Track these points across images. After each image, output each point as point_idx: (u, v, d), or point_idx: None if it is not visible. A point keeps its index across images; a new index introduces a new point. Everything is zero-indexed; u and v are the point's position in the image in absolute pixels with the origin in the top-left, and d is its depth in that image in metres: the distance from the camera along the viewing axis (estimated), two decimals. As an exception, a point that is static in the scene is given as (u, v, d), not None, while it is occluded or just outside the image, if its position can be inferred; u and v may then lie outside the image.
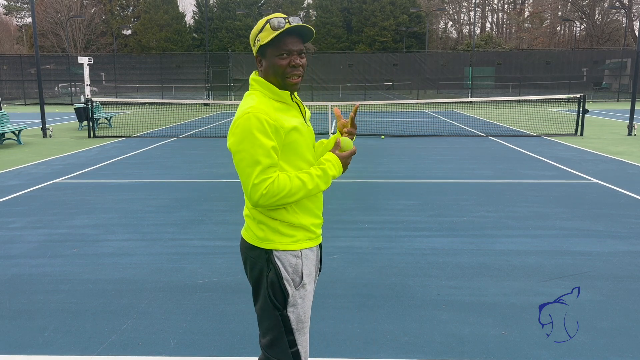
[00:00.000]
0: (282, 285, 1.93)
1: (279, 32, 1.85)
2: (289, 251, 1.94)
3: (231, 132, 1.86)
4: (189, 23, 63.70)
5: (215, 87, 35.63)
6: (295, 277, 1.96)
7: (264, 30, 1.87)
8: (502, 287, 3.96)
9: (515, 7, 71.44)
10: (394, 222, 5.79)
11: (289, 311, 1.96)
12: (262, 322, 2.01)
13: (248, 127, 1.80)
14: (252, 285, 2.02)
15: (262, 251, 1.95)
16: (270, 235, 1.94)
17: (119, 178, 8.46)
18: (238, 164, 1.84)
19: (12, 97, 36.54)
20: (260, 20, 1.91)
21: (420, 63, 38.01)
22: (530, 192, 7.17)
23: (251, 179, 1.81)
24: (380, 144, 12.54)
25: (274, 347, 1.99)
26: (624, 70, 36.23)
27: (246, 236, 2.01)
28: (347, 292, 3.90)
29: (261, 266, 1.96)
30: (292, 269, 1.95)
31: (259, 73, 1.98)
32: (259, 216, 1.96)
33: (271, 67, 1.90)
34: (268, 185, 1.81)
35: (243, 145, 1.81)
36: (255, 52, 1.94)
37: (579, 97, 14.47)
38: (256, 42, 1.90)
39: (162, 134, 15.08)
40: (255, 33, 1.91)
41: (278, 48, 1.88)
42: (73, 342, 3.19)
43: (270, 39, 1.86)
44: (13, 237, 5.36)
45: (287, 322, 1.97)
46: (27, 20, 67.59)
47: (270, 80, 1.93)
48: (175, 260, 4.62)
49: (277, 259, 1.93)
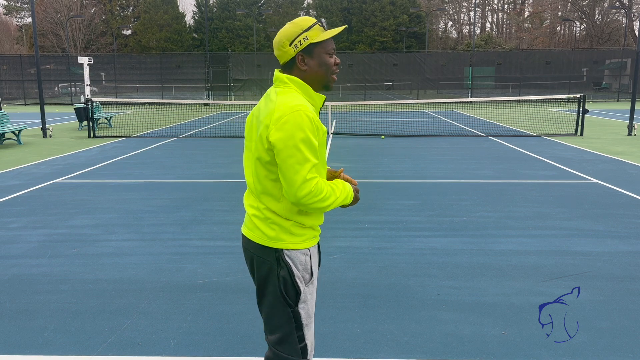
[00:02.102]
0: (295, 283, 1.97)
1: (337, 32, 1.93)
2: (299, 250, 1.98)
3: (277, 126, 1.82)
4: (189, 23, 63.69)
5: (215, 87, 35.63)
6: (305, 274, 2.01)
7: (312, 29, 1.91)
8: (502, 287, 3.96)
9: (515, 7, 71.44)
10: (394, 222, 5.79)
11: (300, 307, 2.01)
12: (271, 319, 2.03)
13: (299, 123, 1.81)
14: (259, 284, 2.03)
15: (271, 250, 1.96)
16: (281, 235, 1.96)
17: (119, 178, 8.46)
18: (286, 160, 1.82)
19: (12, 97, 36.54)
20: (299, 20, 1.94)
21: (420, 63, 38.00)
22: (530, 192, 7.17)
23: (301, 175, 1.82)
24: (380, 144, 12.54)
25: (284, 343, 2.03)
26: (624, 70, 36.23)
27: (252, 236, 2.00)
28: (347, 292, 3.90)
29: (270, 265, 1.97)
30: (302, 266, 1.99)
31: (293, 72, 1.96)
32: (272, 216, 1.96)
33: (321, 65, 1.95)
34: (315, 184, 1.85)
35: (294, 142, 1.81)
36: (299, 51, 1.92)
37: (579, 97, 14.47)
38: (303, 41, 1.91)
39: (162, 134, 15.09)
40: (298, 32, 1.91)
41: (326, 47, 1.95)
42: (73, 342, 3.19)
43: (326, 38, 1.92)
44: (13, 237, 5.36)
45: (299, 318, 2.02)
46: (27, 20, 67.60)
47: (310, 80, 1.96)
48: (175, 260, 4.62)
49: (288, 258, 1.96)
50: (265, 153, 1.88)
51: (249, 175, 2.03)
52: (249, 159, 2.03)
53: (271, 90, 1.99)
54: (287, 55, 1.94)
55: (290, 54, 1.93)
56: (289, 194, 1.86)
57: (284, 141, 1.81)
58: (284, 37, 1.93)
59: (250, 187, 2.04)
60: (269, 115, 1.86)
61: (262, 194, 1.97)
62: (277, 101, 1.88)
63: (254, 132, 1.97)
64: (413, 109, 26.74)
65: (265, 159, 1.90)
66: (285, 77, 1.95)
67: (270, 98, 1.94)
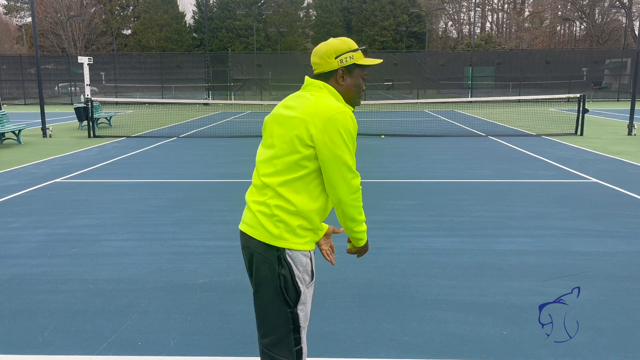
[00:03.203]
0: (295, 283, 1.97)
1: (377, 62, 2.09)
2: (301, 251, 1.98)
3: (325, 125, 1.89)
4: (188, 23, 63.69)
5: (215, 87, 35.62)
6: (306, 275, 2.01)
7: (357, 52, 2.05)
8: (502, 287, 3.96)
9: (515, 6, 71.43)
10: (394, 222, 5.79)
11: (299, 309, 2.01)
12: (268, 320, 2.01)
13: (346, 124, 1.91)
14: (258, 282, 2.01)
15: (273, 249, 1.96)
16: (285, 234, 1.95)
17: (119, 178, 8.46)
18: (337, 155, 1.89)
19: (12, 97, 36.53)
20: (346, 40, 2.06)
21: (420, 63, 37.98)
22: (530, 192, 7.17)
23: (353, 169, 1.94)
24: (380, 144, 12.54)
25: (280, 345, 2.01)
26: (624, 70, 36.22)
27: (254, 233, 1.99)
28: (347, 292, 3.90)
29: (271, 263, 1.96)
30: (303, 267, 1.99)
31: (329, 83, 2.05)
32: (281, 212, 1.95)
33: (355, 85, 2.07)
34: (359, 182, 1.99)
35: (345, 138, 1.90)
36: (342, 66, 2.03)
37: (579, 96, 14.47)
38: (349, 59, 2.02)
39: (162, 134, 15.09)
40: (346, 49, 2.02)
41: (362, 71, 2.08)
42: (73, 342, 3.19)
43: (368, 64, 2.06)
44: (13, 237, 5.36)
45: (297, 319, 2.01)
46: (27, 20, 67.60)
47: (343, 94, 2.06)
48: (175, 260, 4.62)
49: (290, 257, 1.96)
50: (303, 148, 1.92)
51: (266, 167, 2.00)
52: (265, 153, 2.03)
53: (303, 92, 2.04)
54: (329, 67, 2.02)
55: (333, 66, 2.02)
56: (338, 191, 1.93)
57: (333, 138, 1.88)
58: (332, 50, 2.02)
59: (264, 180, 1.99)
60: (312, 113, 1.91)
61: (281, 186, 1.95)
62: (317, 100, 1.95)
63: (282, 128, 1.98)
64: (413, 109, 26.74)
65: (300, 153, 1.92)
66: (321, 84, 2.03)
67: (305, 97, 2.00)
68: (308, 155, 1.92)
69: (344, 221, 2.03)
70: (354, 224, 2.02)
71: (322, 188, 1.99)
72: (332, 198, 1.97)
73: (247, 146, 12.34)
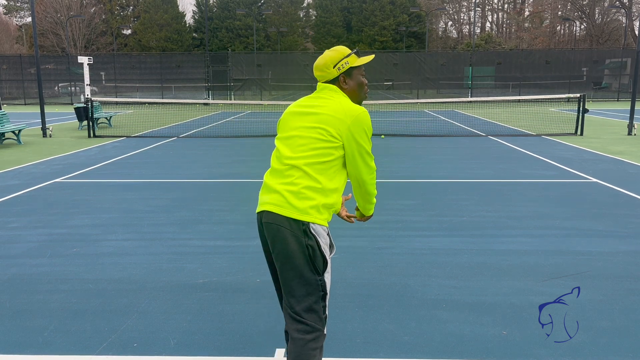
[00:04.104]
0: (323, 252, 2.22)
1: (370, 59, 2.43)
2: (322, 226, 2.24)
3: (353, 123, 2.23)
4: (188, 23, 63.69)
5: (215, 87, 35.62)
6: (327, 247, 2.26)
7: (350, 57, 2.37)
8: (501, 287, 3.96)
9: (515, 6, 71.42)
10: (394, 222, 5.79)
11: (326, 277, 2.25)
12: (299, 288, 2.20)
13: (368, 122, 2.28)
14: (286, 255, 2.18)
15: (299, 223, 2.18)
16: (310, 210, 2.19)
17: (119, 178, 8.46)
18: (361, 146, 2.25)
19: (12, 96, 36.52)
20: (339, 48, 2.41)
21: (420, 63, 37.98)
22: (530, 192, 7.17)
23: (371, 155, 2.32)
24: (380, 143, 12.54)
25: (312, 312, 2.21)
26: (624, 69, 36.21)
27: (282, 211, 2.19)
28: (347, 291, 3.90)
29: (298, 237, 2.17)
30: (324, 240, 2.24)
31: (338, 88, 2.37)
32: (307, 191, 2.19)
33: (357, 84, 2.39)
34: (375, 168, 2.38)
35: (367, 133, 2.27)
36: (341, 73, 2.36)
37: (579, 96, 14.47)
38: (345, 65, 2.35)
39: (162, 134, 15.08)
40: (340, 57, 2.36)
41: (360, 70, 2.42)
42: (73, 342, 3.19)
43: (362, 63, 2.38)
44: (13, 237, 5.36)
45: (325, 286, 2.24)
46: (26, 20, 67.60)
47: (350, 94, 2.39)
48: (175, 260, 4.62)
49: (314, 231, 2.19)
50: (331, 138, 2.22)
51: (292, 151, 2.26)
52: (289, 142, 2.29)
53: (319, 94, 2.36)
54: (331, 76, 2.36)
55: (334, 75, 2.36)
56: (361, 173, 2.30)
57: (362, 132, 2.24)
58: (329, 61, 2.36)
59: (291, 163, 2.24)
60: (341, 112, 2.24)
61: (308, 166, 2.21)
62: (340, 101, 2.30)
63: (307, 120, 2.27)
64: (413, 109, 26.74)
65: (328, 143, 2.22)
66: (335, 87, 2.36)
67: (325, 98, 2.33)
68: (335, 146, 2.22)
69: (363, 195, 2.40)
70: (370, 196, 2.42)
71: (341, 172, 2.30)
72: (356, 178, 2.31)
73: (247, 146, 12.34)
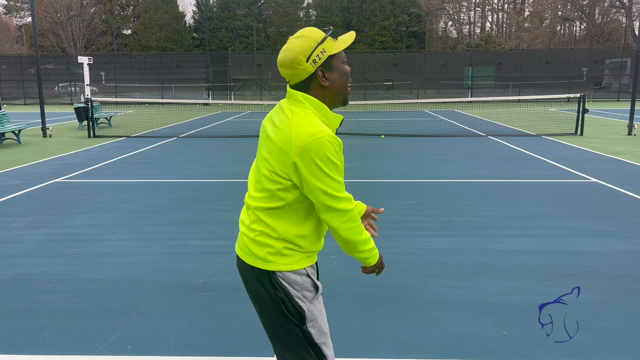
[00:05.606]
0: (295, 304, 1.84)
1: (352, 40, 1.81)
2: (292, 271, 1.84)
3: (299, 156, 1.70)
4: (188, 23, 63.72)
5: (215, 87, 35.62)
6: (306, 292, 1.87)
7: (325, 41, 1.77)
8: (502, 287, 3.96)
9: (515, 6, 71.42)
10: (394, 222, 5.79)
11: (309, 326, 1.86)
12: (279, 341, 1.90)
13: (321, 151, 1.69)
14: (259, 306, 1.90)
15: (264, 272, 1.83)
16: (270, 257, 1.82)
17: (119, 178, 8.45)
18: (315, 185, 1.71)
19: (12, 97, 36.53)
20: (309, 32, 1.79)
21: (420, 63, 37.98)
22: (530, 192, 7.17)
23: (337, 194, 1.73)
24: (380, 143, 12.54)
25: None
26: (624, 69, 36.22)
27: (244, 257, 1.88)
28: (347, 291, 3.90)
29: (266, 287, 1.84)
30: (299, 286, 1.85)
31: (310, 91, 1.81)
32: (262, 236, 1.83)
33: (341, 76, 1.82)
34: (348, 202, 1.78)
35: (321, 166, 1.70)
36: (318, 66, 1.77)
37: (578, 96, 14.47)
38: (321, 54, 1.76)
39: (162, 134, 15.08)
40: (314, 45, 1.75)
41: (341, 56, 1.83)
42: (73, 342, 3.19)
43: (343, 48, 1.80)
44: (13, 237, 5.36)
45: (310, 337, 1.87)
46: (26, 20, 67.62)
47: (330, 95, 1.83)
48: (175, 260, 4.62)
49: (282, 279, 1.83)
50: (279, 179, 1.77)
51: (252, 188, 1.89)
52: (255, 172, 1.91)
53: (284, 105, 1.84)
54: (305, 73, 1.77)
55: (309, 71, 1.77)
56: (327, 219, 1.77)
57: (309, 166, 1.70)
58: (300, 54, 1.75)
59: (248, 202, 1.89)
60: (287, 141, 1.73)
61: (261, 212, 1.83)
62: (293, 124, 1.74)
63: (265, 150, 1.83)
64: (413, 109, 26.74)
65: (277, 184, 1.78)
66: (300, 96, 1.79)
67: (285, 115, 1.80)
68: (283, 188, 1.76)
69: (344, 245, 1.85)
70: (355, 245, 1.83)
71: (308, 214, 1.83)
72: (327, 225, 1.82)
73: (247, 146, 12.34)
